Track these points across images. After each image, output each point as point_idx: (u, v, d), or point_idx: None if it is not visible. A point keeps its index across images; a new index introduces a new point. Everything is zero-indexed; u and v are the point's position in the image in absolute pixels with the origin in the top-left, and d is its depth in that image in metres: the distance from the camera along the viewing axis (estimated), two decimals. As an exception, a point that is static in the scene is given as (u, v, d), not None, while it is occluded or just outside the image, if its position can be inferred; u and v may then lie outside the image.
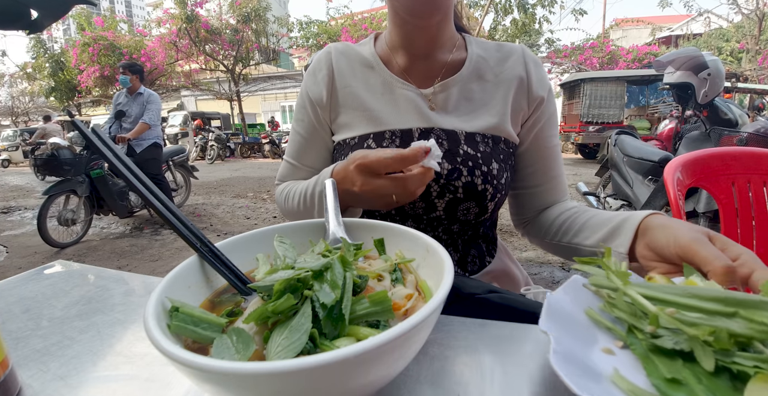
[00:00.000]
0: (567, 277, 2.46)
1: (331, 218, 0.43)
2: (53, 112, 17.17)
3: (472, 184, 0.60)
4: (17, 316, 0.46)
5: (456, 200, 0.61)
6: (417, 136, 0.63)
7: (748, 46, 11.70)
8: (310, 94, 0.71)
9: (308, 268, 0.29)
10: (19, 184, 8.07)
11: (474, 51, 0.68)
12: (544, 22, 9.66)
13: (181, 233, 0.36)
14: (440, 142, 0.62)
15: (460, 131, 0.63)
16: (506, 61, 0.68)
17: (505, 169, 0.64)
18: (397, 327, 0.22)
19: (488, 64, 0.68)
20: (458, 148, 0.62)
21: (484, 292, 0.46)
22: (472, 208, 0.62)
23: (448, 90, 0.65)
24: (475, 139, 0.63)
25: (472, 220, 0.64)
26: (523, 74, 0.67)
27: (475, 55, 0.68)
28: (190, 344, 0.28)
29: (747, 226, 0.81)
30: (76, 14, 13.00)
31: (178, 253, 3.14)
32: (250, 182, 6.43)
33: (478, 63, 0.67)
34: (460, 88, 0.66)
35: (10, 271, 2.74)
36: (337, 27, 12.42)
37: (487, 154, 0.62)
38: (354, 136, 0.66)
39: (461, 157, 0.61)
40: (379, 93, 0.67)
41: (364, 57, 0.70)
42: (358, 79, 0.69)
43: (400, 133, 0.64)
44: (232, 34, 12.68)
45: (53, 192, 3.29)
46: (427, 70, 0.67)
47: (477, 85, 0.66)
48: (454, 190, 0.61)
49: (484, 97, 0.66)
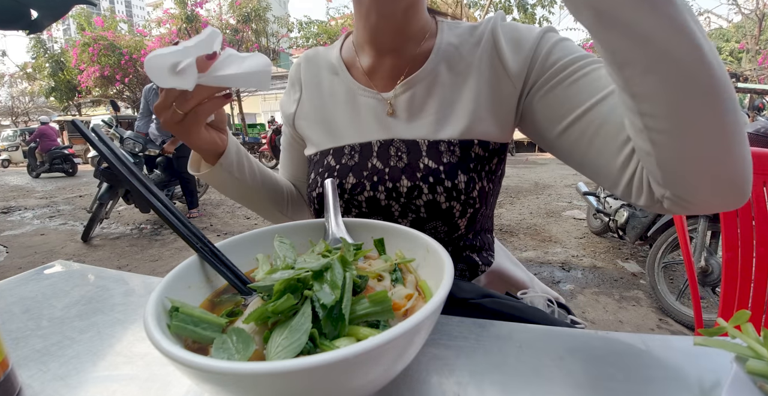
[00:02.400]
0: (567, 277, 2.46)
1: (331, 218, 0.43)
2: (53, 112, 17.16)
3: (435, 203, 0.53)
4: (17, 316, 0.46)
5: (420, 220, 0.54)
6: (376, 149, 0.57)
7: (748, 46, 11.70)
8: (283, 108, 0.71)
9: (308, 268, 0.29)
10: (19, 184, 8.07)
11: (443, 39, 0.58)
12: (543, 22, 9.66)
13: (181, 233, 0.36)
14: (399, 155, 0.56)
15: (422, 141, 0.55)
16: (478, 45, 0.56)
17: (477, 179, 0.54)
18: (397, 327, 0.22)
19: (459, 52, 0.57)
20: (418, 161, 0.54)
21: (478, 297, 0.46)
22: (440, 227, 0.55)
23: (411, 89, 0.57)
24: (438, 149, 0.54)
25: (444, 239, 0.57)
26: (494, 52, 0.55)
27: (444, 44, 0.58)
28: (190, 344, 0.28)
29: (747, 226, 0.81)
30: (76, 14, 13.00)
31: (178, 253, 3.14)
32: (250, 182, 6.43)
33: (446, 53, 0.57)
34: (425, 86, 0.57)
35: (10, 271, 2.74)
36: (337, 27, 12.41)
37: (452, 165, 0.53)
38: (316, 152, 0.63)
39: (421, 173, 0.53)
40: (342, 102, 0.62)
41: (331, 62, 0.65)
42: (324, 89, 0.65)
43: (359, 148, 0.58)
44: (232, 34, 12.68)
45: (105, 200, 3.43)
46: (392, 69, 0.59)
47: (445, 80, 0.57)
48: (416, 210, 0.54)
49: (453, 94, 0.56)
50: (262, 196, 0.67)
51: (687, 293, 1.94)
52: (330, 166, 0.59)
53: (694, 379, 0.32)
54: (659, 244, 2.02)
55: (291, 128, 0.70)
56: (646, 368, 0.33)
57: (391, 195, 0.54)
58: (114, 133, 4.06)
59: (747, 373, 0.28)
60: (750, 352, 0.29)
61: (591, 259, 2.75)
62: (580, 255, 2.83)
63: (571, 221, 3.73)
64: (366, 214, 0.57)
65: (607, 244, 3.04)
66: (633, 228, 2.35)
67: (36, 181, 8.55)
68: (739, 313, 0.31)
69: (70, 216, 4.64)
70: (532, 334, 0.38)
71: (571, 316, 0.57)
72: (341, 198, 0.56)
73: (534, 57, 0.52)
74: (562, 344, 0.37)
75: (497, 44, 0.55)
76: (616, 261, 2.70)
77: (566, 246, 3.03)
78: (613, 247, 2.96)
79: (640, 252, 2.84)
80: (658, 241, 2.04)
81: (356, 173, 0.57)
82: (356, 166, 0.57)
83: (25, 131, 13.85)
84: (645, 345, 0.36)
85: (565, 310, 0.59)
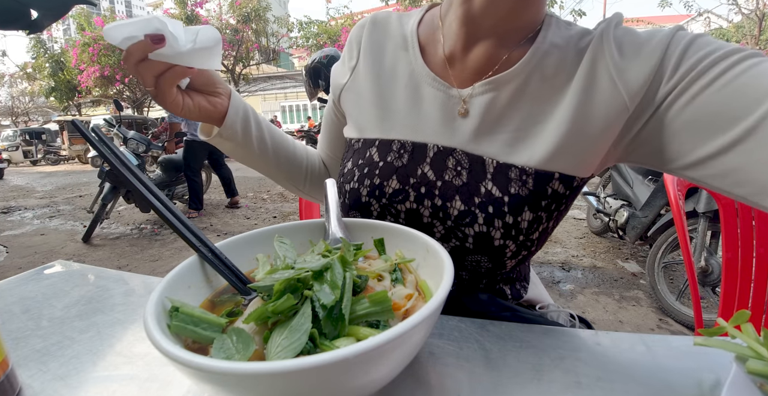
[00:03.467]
0: (567, 277, 2.46)
1: (332, 218, 0.43)
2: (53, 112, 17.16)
3: (487, 237, 0.44)
4: (17, 316, 0.46)
5: (463, 249, 0.46)
6: (431, 155, 0.48)
7: (748, 46, 11.69)
8: (334, 76, 0.60)
9: (308, 268, 0.29)
10: (19, 184, 8.07)
11: (547, 37, 0.46)
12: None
13: (181, 233, 0.36)
14: (458, 170, 0.47)
15: (489, 160, 0.46)
16: (583, 53, 0.45)
17: (544, 220, 0.46)
18: (397, 327, 0.22)
19: (561, 59, 0.46)
20: (480, 183, 0.45)
21: (499, 311, 0.44)
22: (484, 263, 0.47)
23: (493, 92, 0.47)
24: (508, 176, 0.45)
25: (482, 272, 0.49)
26: (602, 62, 0.43)
27: (546, 44, 0.46)
28: (190, 344, 0.28)
29: (747, 226, 0.81)
30: (76, 14, 13.01)
31: (178, 253, 3.14)
32: (250, 182, 6.43)
33: (546, 56, 0.46)
34: (510, 91, 0.46)
35: (10, 271, 2.74)
36: (337, 27, 12.43)
37: (520, 198, 0.44)
38: (359, 138, 0.54)
39: (480, 198, 0.45)
40: (402, 86, 0.52)
41: (403, 34, 0.54)
42: (385, 63, 0.54)
43: (411, 148, 0.49)
44: (232, 34, 12.70)
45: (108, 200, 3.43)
46: (480, 62, 0.48)
47: (536, 90, 0.46)
48: (463, 238, 0.46)
49: (542, 110, 0.46)
50: (275, 168, 0.62)
51: (687, 293, 1.94)
52: (373, 160, 0.50)
53: (694, 379, 0.32)
54: (659, 244, 2.02)
55: (336, 100, 0.60)
56: (646, 368, 0.33)
57: (437, 214, 0.47)
58: (117, 133, 4.07)
59: (747, 373, 0.28)
60: (750, 352, 0.29)
61: (591, 259, 2.75)
62: (580, 255, 2.83)
63: (571, 221, 3.72)
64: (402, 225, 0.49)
65: (607, 244, 3.05)
66: (633, 228, 2.35)
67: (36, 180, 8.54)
68: (739, 313, 0.31)
69: (70, 216, 4.64)
70: (532, 334, 0.38)
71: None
72: (378, 201, 0.49)
73: (662, 66, 0.40)
74: (562, 344, 0.37)
75: (607, 52, 0.43)
76: (616, 261, 2.70)
77: (566, 246, 3.03)
78: (613, 247, 2.96)
79: (640, 252, 2.84)
80: (658, 241, 2.04)
81: (401, 177, 0.48)
82: (402, 169, 0.49)
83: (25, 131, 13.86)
84: (645, 345, 0.36)
85: (586, 325, 0.56)
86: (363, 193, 0.50)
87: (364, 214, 0.51)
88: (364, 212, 0.50)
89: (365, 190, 0.50)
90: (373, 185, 0.49)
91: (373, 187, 0.49)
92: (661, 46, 0.41)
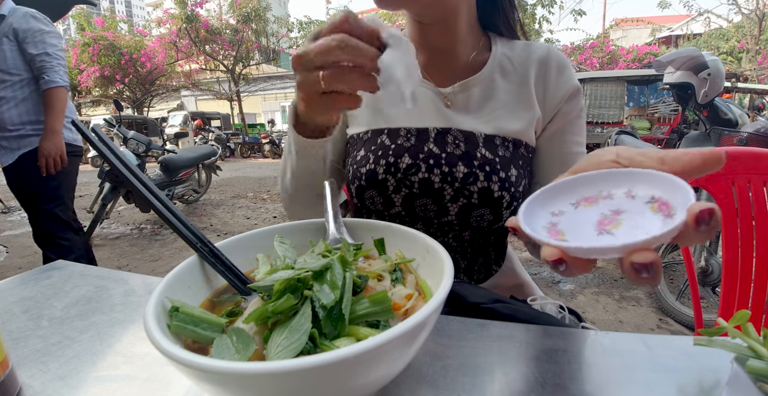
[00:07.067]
0: (567, 277, 2.45)
1: (331, 218, 0.43)
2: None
3: (488, 191, 0.57)
4: (17, 316, 0.46)
5: (470, 206, 0.58)
6: (433, 135, 0.60)
7: (748, 46, 11.70)
8: None
9: (308, 268, 0.29)
10: (19, 184, 8.05)
11: (499, 50, 0.65)
12: (543, 22, 9.66)
13: (181, 233, 0.36)
14: (457, 143, 0.60)
15: (479, 133, 0.60)
16: (529, 62, 0.64)
17: (523, 176, 0.60)
18: (397, 327, 0.22)
19: (512, 64, 0.64)
20: (476, 150, 0.58)
21: (489, 302, 0.45)
22: (486, 215, 0.58)
23: (469, 90, 0.63)
24: (494, 142, 0.59)
25: (485, 228, 0.61)
26: (542, 77, 0.63)
27: (499, 54, 0.65)
28: (190, 344, 0.28)
29: (747, 226, 0.81)
30: (76, 14, 12.99)
31: (178, 253, 3.14)
32: (250, 182, 6.43)
33: (501, 62, 0.64)
34: (482, 88, 0.63)
35: (10, 271, 2.73)
36: (337, 27, 12.39)
37: (507, 159, 0.59)
38: (366, 130, 0.64)
39: (478, 161, 0.58)
40: None
41: None
42: None
43: (416, 132, 0.61)
44: (232, 34, 12.69)
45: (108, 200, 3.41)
46: (447, 68, 0.64)
47: (500, 85, 0.63)
48: (469, 195, 0.57)
49: (507, 99, 0.62)
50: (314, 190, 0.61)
51: (687, 293, 1.94)
52: (385, 145, 0.61)
53: (694, 379, 0.32)
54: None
55: None
56: (646, 368, 0.33)
57: (446, 179, 0.57)
58: (117, 133, 4.07)
59: (747, 373, 0.28)
60: (750, 352, 0.29)
61: (591, 259, 2.74)
62: (580, 255, 2.82)
63: (571, 221, 3.72)
64: (416, 195, 0.59)
65: (607, 244, 3.04)
66: (633, 228, 2.34)
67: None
68: (739, 313, 0.31)
69: (70, 216, 4.63)
70: (532, 334, 0.38)
71: (583, 323, 0.57)
72: (394, 176, 0.59)
73: (559, 106, 0.63)
74: (562, 344, 0.37)
75: (548, 68, 0.63)
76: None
77: (566, 246, 3.02)
78: (613, 247, 2.95)
79: (640, 252, 2.84)
80: (658, 241, 2.03)
81: (412, 154, 0.59)
82: (412, 148, 0.59)
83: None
84: (645, 345, 0.36)
85: (576, 316, 0.59)
86: (380, 172, 0.59)
87: (380, 191, 0.60)
88: (380, 189, 0.60)
89: (381, 168, 0.59)
90: (389, 163, 0.59)
91: (388, 165, 0.59)
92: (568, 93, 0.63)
